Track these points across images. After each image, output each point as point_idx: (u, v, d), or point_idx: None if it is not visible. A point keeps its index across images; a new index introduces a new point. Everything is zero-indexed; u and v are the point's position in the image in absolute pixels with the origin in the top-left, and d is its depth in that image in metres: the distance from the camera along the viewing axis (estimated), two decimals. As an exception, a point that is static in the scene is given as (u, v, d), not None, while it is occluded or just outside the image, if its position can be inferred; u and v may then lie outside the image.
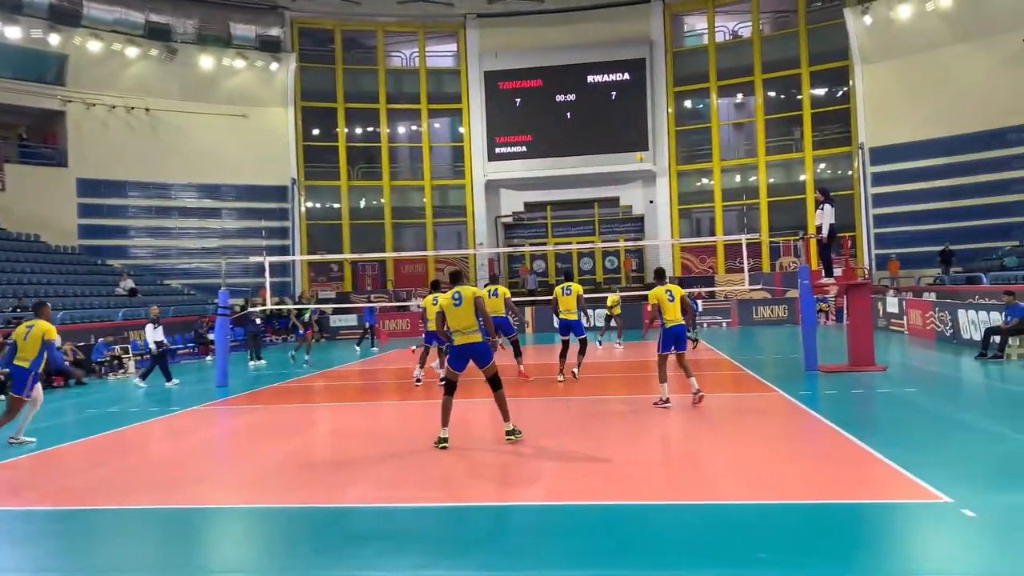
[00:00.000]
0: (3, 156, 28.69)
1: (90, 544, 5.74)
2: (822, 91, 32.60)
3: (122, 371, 18.83)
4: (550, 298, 14.38)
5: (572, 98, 34.51)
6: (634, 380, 14.26)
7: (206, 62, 31.60)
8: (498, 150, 34.87)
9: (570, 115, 34.42)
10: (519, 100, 34.72)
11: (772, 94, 33.43)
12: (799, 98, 32.59)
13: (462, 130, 35.65)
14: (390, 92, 35.61)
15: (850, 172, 31.93)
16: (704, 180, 34.62)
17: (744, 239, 18.05)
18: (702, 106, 34.61)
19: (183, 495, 6.81)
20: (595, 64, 34.13)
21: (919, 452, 7.18)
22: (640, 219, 34.72)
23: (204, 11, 32.25)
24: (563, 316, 13.57)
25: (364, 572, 4.83)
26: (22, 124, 29.85)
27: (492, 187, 35.30)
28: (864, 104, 30.45)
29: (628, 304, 22.63)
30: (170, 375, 15.82)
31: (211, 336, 20.63)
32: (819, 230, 13.73)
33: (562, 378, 13.31)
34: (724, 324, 28.17)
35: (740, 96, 34.60)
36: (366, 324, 23.80)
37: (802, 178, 32.66)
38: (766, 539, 5.11)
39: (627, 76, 34.12)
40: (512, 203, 35.85)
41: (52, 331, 9.29)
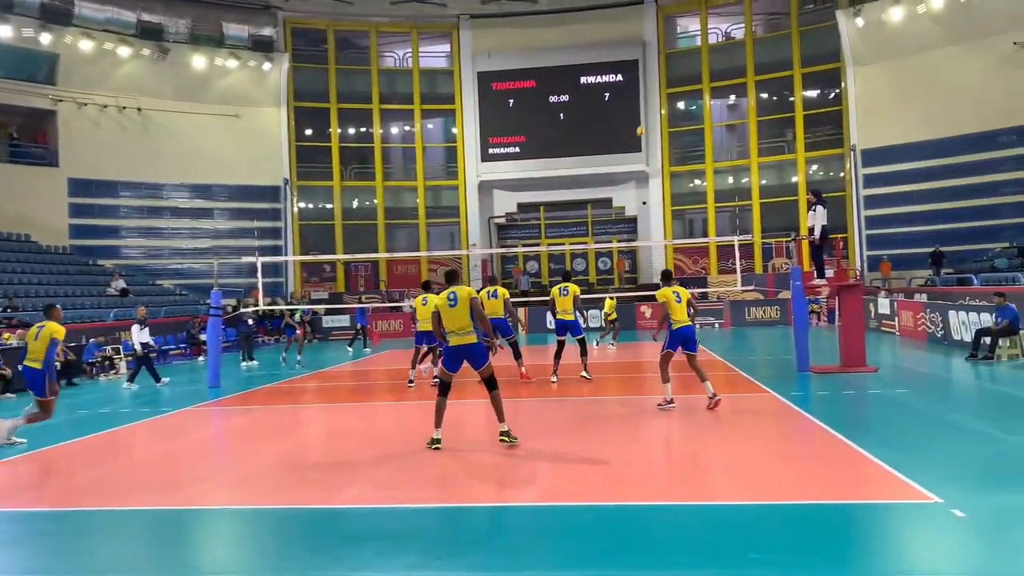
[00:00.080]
0: (-7, 156, 28.59)
1: (82, 545, 5.71)
2: (814, 93, 32.75)
3: (113, 372, 18.77)
4: (547, 299, 14.39)
5: (565, 99, 34.55)
6: (629, 381, 14.30)
7: (198, 62, 31.50)
8: (491, 151, 34.87)
9: (563, 116, 34.46)
10: (512, 101, 34.74)
11: (765, 96, 33.57)
12: (791, 100, 32.74)
13: (455, 131, 35.64)
14: (383, 92, 35.58)
15: (842, 174, 32.08)
16: (697, 181, 34.73)
17: (737, 240, 18.09)
18: (695, 107, 34.72)
19: (176, 496, 6.79)
20: (588, 65, 34.18)
21: (910, 453, 7.23)
22: (633, 220, 34.81)
23: (196, 11, 32.15)
24: (560, 316, 13.58)
25: (360, 573, 4.83)
26: (12, 123, 29.67)
27: (485, 188, 35.31)
28: (856, 106, 30.59)
29: (621, 304, 22.65)
30: (158, 376, 15.78)
31: (203, 337, 20.58)
32: (811, 231, 13.79)
33: (555, 379, 13.30)
34: (717, 325, 28.24)
35: (733, 98, 34.73)
36: (357, 325, 23.77)
37: (794, 179, 32.81)
38: (758, 539, 5.14)
39: (620, 77, 34.18)
40: (505, 204, 35.87)
41: (59, 332, 9.51)
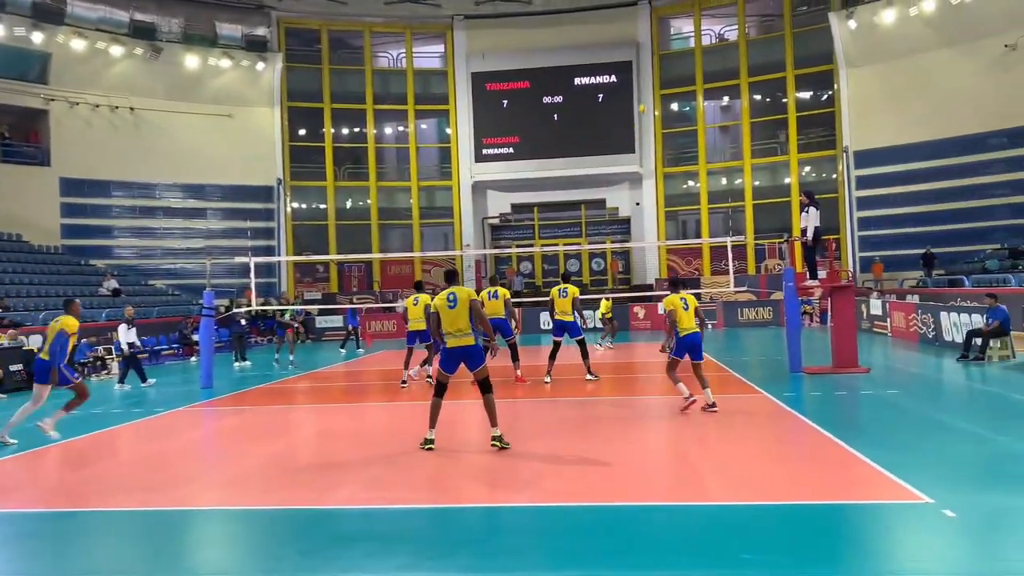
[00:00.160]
0: (-16, 155, 28.46)
1: (74, 546, 5.68)
2: (807, 95, 32.87)
3: (105, 372, 18.69)
4: (540, 299, 14.38)
5: (559, 100, 34.58)
6: (624, 382, 14.31)
7: (191, 61, 31.40)
8: (485, 151, 34.88)
9: (557, 117, 34.49)
10: (506, 101, 34.75)
11: (758, 97, 33.67)
12: (784, 101, 32.84)
13: (449, 131, 35.64)
14: (377, 93, 35.54)
15: (834, 175, 32.19)
16: (690, 182, 34.81)
17: (729, 241, 18.17)
18: (688, 109, 34.80)
19: (168, 496, 6.76)
20: (582, 66, 34.22)
21: (901, 453, 7.25)
22: (626, 221, 34.85)
23: (190, 10, 32.05)
24: (559, 317, 13.58)
25: (350, 574, 4.82)
26: (4, 123, 29.52)
27: (479, 188, 35.31)
28: (848, 108, 30.70)
29: (615, 305, 22.65)
30: (144, 376, 15.74)
31: (196, 337, 20.50)
32: (804, 232, 13.84)
33: (549, 379, 13.31)
34: (709, 326, 28.21)
35: (726, 99, 34.83)
36: (348, 326, 23.72)
37: (787, 181, 32.91)
38: (751, 540, 5.15)
39: (614, 78, 34.24)
40: (499, 204, 35.88)
41: (70, 325, 9.54)
